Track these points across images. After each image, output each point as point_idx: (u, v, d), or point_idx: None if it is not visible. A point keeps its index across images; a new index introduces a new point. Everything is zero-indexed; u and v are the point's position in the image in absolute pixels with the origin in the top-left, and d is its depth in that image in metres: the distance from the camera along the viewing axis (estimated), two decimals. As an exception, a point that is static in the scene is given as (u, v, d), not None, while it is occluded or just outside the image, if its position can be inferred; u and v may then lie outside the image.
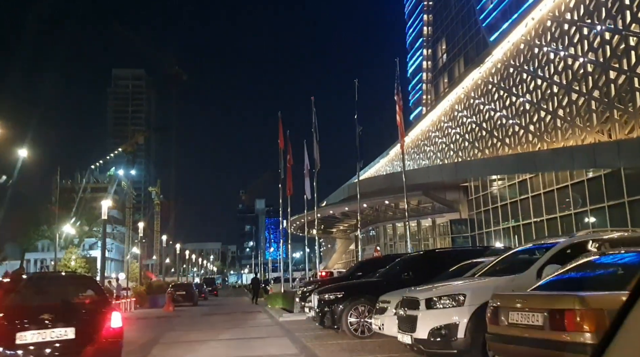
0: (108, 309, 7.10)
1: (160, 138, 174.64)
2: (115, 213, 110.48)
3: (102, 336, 6.70)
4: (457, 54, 54.10)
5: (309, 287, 15.38)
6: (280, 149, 26.46)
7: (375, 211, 45.09)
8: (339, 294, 10.75)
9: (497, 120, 33.35)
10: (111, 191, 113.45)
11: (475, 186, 36.61)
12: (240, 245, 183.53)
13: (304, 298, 15.21)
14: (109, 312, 7.00)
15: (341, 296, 10.70)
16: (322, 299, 10.99)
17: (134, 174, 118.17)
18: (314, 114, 23.16)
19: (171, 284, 33.41)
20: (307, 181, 27.61)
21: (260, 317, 19.64)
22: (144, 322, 19.53)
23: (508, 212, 32.23)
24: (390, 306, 8.78)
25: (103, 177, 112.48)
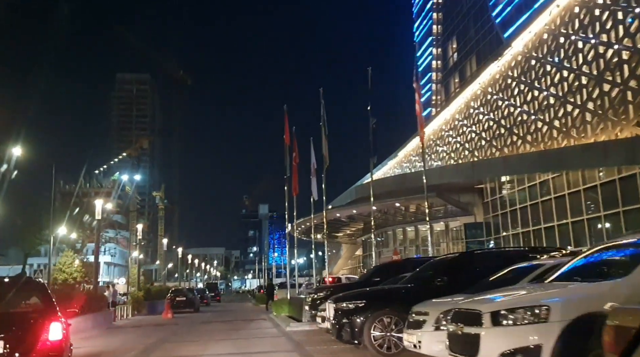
0: (47, 320, 6.30)
1: (165, 142, 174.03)
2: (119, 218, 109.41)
3: (37, 350, 5.95)
4: (468, 52, 52.36)
5: (320, 293, 13.65)
6: (285, 145, 24.79)
7: (384, 214, 43.27)
8: (360, 302, 9.00)
9: (518, 116, 31.52)
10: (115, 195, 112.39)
11: (491, 187, 34.75)
12: (243, 250, 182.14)
13: (315, 306, 13.46)
14: (47, 323, 6.21)
15: (362, 305, 8.95)
16: (339, 308, 9.24)
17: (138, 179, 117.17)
18: (322, 107, 21.48)
19: (171, 290, 31.64)
20: (313, 180, 25.90)
21: (264, 325, 17.88)
22: (137, 331, 17.81)
23: (528, 215, 30.34)
24: (429, 319, 7.03)
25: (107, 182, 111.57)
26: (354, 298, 9.20)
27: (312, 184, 25.78)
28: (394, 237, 45.37)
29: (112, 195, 66.96)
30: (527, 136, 30.29)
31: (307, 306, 14.13)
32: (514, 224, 31.90)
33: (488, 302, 5.18)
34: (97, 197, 55.33)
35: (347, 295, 9.61)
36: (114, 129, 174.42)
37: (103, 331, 17.78)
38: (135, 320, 24.27)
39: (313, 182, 25.77)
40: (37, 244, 48.37)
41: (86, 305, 18.60)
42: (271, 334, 14.34)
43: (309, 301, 13.97)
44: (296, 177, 25.93)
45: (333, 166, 25.56)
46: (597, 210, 24.44)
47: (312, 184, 25.80)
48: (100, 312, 20.12)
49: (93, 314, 19.01)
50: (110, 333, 17.24)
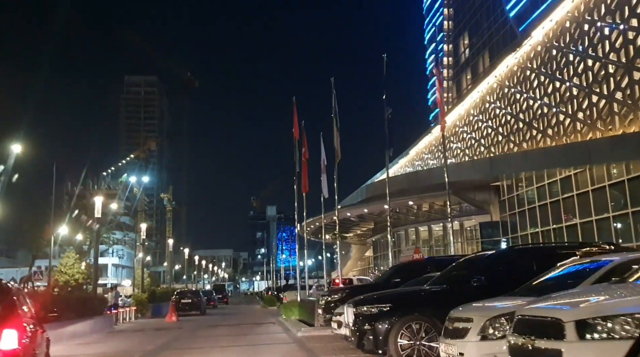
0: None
1: (173, 144, 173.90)
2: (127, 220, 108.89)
3: None
4: (481, 47, 50.93)
5: (334, 296, 12.45)
6: (294, 139, 23.65)
7: (396, 213, 41.95)
8: (385, 306, 7.80)
9: (537, 109, 30.09)
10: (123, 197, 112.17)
11: (508, 185, 33.33)
12: (251, 252, 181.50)
13: (329, 309, 12.26)
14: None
15: (388, 309, 7.75)
16: (360, 313, 8.04)
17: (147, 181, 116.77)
18: (333, 97, 20.29)
19: (176, 292, 30.57)
20: (323, 177, 24.73)
21: (273, 330, 16.69)
22: (137, 336, 16.72)
23: (548, 214, 28.91)
24: (473, 326, 5.81)
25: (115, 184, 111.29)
26: (377, 301, 7.99)
27: (323, 181, 24.64)
28: (406, 237, 44.00)
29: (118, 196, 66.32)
30: (548, 130, 28.85)
31: (320, 309, 12.93)
32: (532, 222, 30.46)
33: (571, 307, 3.95)
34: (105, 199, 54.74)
35: (369, 298, 8.40)
36: (122, 131, 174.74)
37: (102, 336, 16.72)
38: (138, 323, 23.21)
39: (323, 179, 24.63)
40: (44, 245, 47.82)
41: (84, 308, 17.57)
42: (281, 340, 13.16)
43: (322, 304, 12.77)
44: (306, 174, 24.79)
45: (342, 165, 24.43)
46: (624, 207, 23.00)
47: (322, 181, 24.66)
48: (99, 316, 19.09)
49: (92, 317, 17.98)
50: (108, 338, 16.15)
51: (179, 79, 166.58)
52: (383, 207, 35.96)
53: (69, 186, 58.32)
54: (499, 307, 5.82)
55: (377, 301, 8.01)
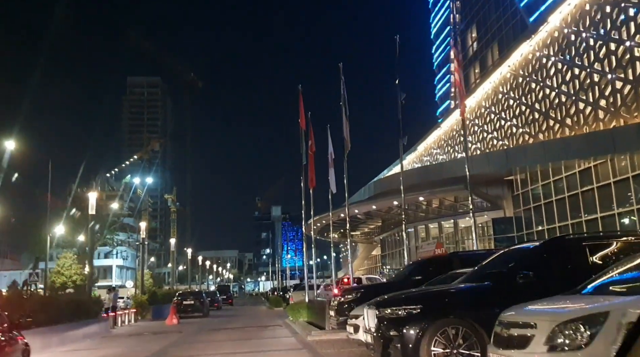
0: None
1: (176, 145, 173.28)
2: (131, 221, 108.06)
3: None
4: (489, 40, 49.53)
5: (348, 296, 11.20)
6: (301, 130, 22.46)
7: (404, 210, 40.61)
8: (414, 308, 6.54)
9: (555, 98, 28.69)
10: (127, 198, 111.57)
11: (522, 179, 31.96)
12: (256, 252, 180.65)
13: (342, 311, 11.03)
14: None
15: (418, 311, 6.49)
16: (385, 316, 6.79)
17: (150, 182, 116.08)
18: (342, 84, 19.01)
19: (178, 293, 29.40)
20: (331, 172, 23.50)
21: (280, 333, 15.46)
22: (133, 340, 15.52)
23: (566, 208, 27.54)
24: (537, 333, 4.55)
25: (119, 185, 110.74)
26: (405, 302, 6.73)
27: (330, 175, 23.41)
28: (415, 234, 42.62)
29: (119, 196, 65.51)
30: (567, 119, 27.45)
31: (332, 311, 11.69)
32: (549, 217, 29.09)
33: None
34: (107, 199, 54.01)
35: (394, 298, 7.14)
36: (125, 132, 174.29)
37: (95, 341, 15.55)
38: (137, 327, 22.04)
39: (331, 174, 23.41)
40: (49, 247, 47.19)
41: (76, 312, 16.40)
42: (289, 346, 11.92)
43: (334, 305, 11.53)
44: (313, 168, 23.58)
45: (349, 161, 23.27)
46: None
47: (330, 176, 23.44)
48: (94, 320, 17.93)
49: (85, 321, 16.81)
50: (102, 344, 14.98)
51: (182, 80, 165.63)
52: (392, 203, 34.67)
53: (73, 188, 57.58)
54: (572, 308, 4.57)
55: (405, 301, 6.74)
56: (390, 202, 33.96)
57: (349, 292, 11.24)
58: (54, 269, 28.38)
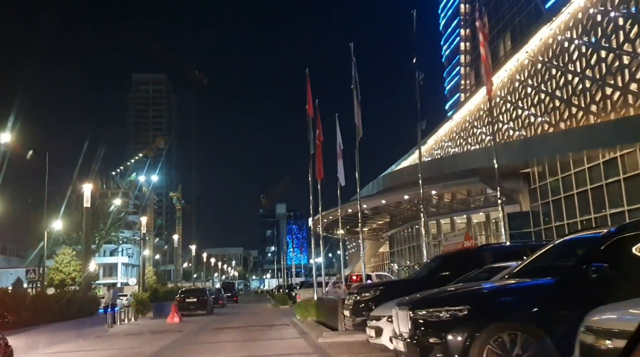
0: None
1: (181, 143, 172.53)
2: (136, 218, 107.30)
3: None
4: (501, 30, 47.90)
5: (366, 294, 9.89)
6: (308, 117, 21.21)
7: (414, 205, 39.24)
8: (460, 310, 5.21)
9: (578, 84, 27.15)
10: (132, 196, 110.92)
11: (539, 172, 30.47)
12: (261, 250, 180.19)
13: (359, 311, 9.73)
14: None
15: (465, 314, 5.16)
16: (422, 319, 5.47)
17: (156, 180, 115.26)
18: (353, 66, 17.70)
19: (180, 290, 28.24)
20: (340, 163, 22.24)
21: (288, 334, 14.19)
22: (128, 341, 14.31)
23: (588, 201, 26.07)
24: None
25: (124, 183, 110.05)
26: (447, 302, 5.41)
27: (339, 167, 22.16)
28: (426, 230, 41.13)
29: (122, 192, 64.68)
30: (591, 106, 25.91)
31: (347, 310, 10.38)
32: (570, 211, 27.62)
33: None
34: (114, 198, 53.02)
35: (432, 297, 5.83)
36: (131, 129, 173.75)
37: (89, 341, 14.35)
38: (136, 325, 20.86)
39: (340, 165, 22.15)
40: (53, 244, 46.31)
41: (69, 310, 15.22)
42: (299, 349, 10.64)
43: (349, 304, 10.22)
44: (320, 158, 22.31)
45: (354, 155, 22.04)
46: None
47: (338, 168, 22.19)
48: (89, 318, 16.75)
49: (79, 320, 15.64)
50: (95, 344, 13.78)
51: (187, 77, 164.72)
52: (403, 197, 33.30)
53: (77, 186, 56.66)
54: None
55: (448, 301, 5.42)
56: (400, 196, 32.61)
57: (366, 290, 9.93)
58: (53, 265, 27.22)
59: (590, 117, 25.86)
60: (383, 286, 9.94)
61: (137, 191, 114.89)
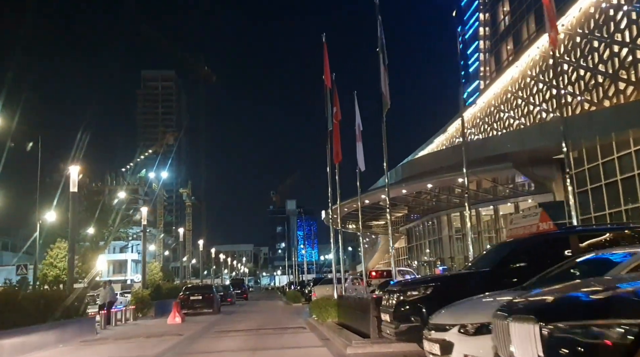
0: None
1: (191, 139, 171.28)
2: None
3: None
4: (524, 12, 44.91)
5: (412, 292, 7.44)
6: (325, 88, 18.79)
7: (435, 196, 36.73)
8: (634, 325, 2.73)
9: (627, 56, 24.35)
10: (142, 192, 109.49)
11: (575, 157, 27.70)
12: (272, 247, 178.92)
13: (405, 315, 7.30)
14: None
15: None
16: (566, 338, 2.99)
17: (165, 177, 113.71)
18: (379, 25, 15.20)
19: (185, 287, 26.05)
20: (359, 146, 19.81)
21: (307, 340, 11.80)
22: (115, 347, 12.04)
23: (635, 188, 23.36)
24: None
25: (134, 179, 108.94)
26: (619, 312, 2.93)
27: (358, 150, 19.73)
28: (448, 222, 38.64)
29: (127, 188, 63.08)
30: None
31: (385, 313, 7.95)
32: (613, 200, 24.90)
33: None
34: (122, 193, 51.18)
35: (578, 302, 3.33)
36: (140, 126, 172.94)
37: (67, 348, 12.13)
38: (133, 326, 18.64)
39: (359, 149, 19.72)
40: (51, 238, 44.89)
41: (47, 311, 12.98)
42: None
43: (389, 305, 7.79)
44: (338, 139, 19.86)
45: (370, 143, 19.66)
46: None
47: (357, 151, 19.77)
48: (75, 320, 14.51)
49: (61, 322, 13.40)
50: (74, 352, 11.55)
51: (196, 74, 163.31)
52: (425, 186, 30.76)
53: (87, 182, 55.08)
54: None
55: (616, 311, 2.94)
56: (423, 185, 30.12)
57: (413, 287, 7.48)
58: (46, 260, 25.14)
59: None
60: (436, 283, 7.48)
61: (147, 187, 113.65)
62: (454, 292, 7.13)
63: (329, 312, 14.87)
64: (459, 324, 5.19)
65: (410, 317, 7.27)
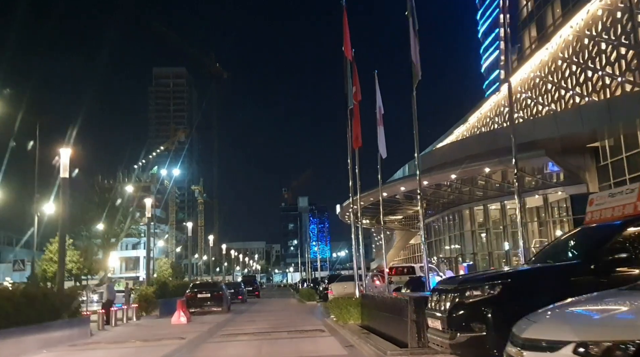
0: None
1: (203, 136, 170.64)
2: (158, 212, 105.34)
3: None
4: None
5: (475, 292, 5.63)
6: (345, 60, 17.04)
7: (456, 188, 34.69)
8: None
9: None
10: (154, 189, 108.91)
11: (611, 146, 25.57)
12: (284, 244, 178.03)
13: (464, 321, 5.50)
14: None
15: None
16: None
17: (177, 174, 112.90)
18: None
19: (192, 284, 24.49)
20: (380, 131, 18.01)
21: (328, 347, 10.02)
22: (101, 354, 10.42)
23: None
24: None
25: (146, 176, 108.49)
26: None
27: (379, 135, 17.93)
28: (471, 217, 36.58)
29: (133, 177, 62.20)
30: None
31: (435, 319, 6.14)
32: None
33: None
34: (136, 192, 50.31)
35: None
36: (152, 123, 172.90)
37: (55, 352, 10.55)
38: (134, 327, 17.08)
39: (380, 133, 17.91)
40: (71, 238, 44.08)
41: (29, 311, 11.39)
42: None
43: (439, 308, 5.98)
44: (358, 122, 18.06)
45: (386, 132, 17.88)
46: None
47: (378, 136, 17.97)
48: (66, 321, 12.93)
49: (47, 324, 11.82)
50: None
51: (208, 71, 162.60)
52: (449, 176, 28.79)
53: (99, 179, 54.17)
54: None
55: None
56: (446, 175, 28.17)
57: (472, 286, 5.67)
58: (45, 255, 23.74)
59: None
60: (506, 280, 5.63)
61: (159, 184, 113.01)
62: (531, 292, 5.34)
63: (350, 313, 13.14)
64: (576, 340, 3.40)
65: (471, 325, 5.48)
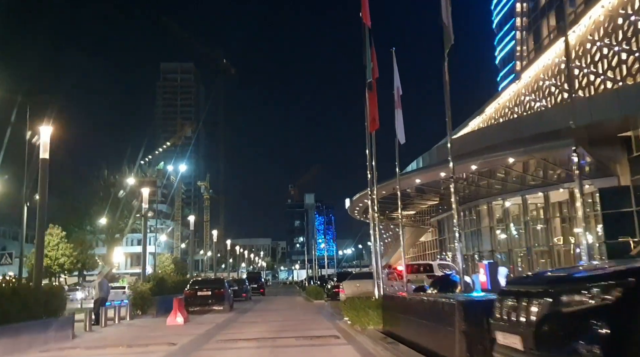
0: None
1: (210, 132, 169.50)
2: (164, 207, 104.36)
3: None
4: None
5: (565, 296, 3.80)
6: (364, 27, 15.24)
7: (473, 182, 32.77)
8: None
9: None
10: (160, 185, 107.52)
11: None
12: (290, 241, 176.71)
13: (565, 342, 3.69)
14: None
15: None
16: None
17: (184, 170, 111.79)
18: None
19: (192, 280, 22.83)
20: (398, 113, 16.27)
21: None
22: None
23: None
24: None
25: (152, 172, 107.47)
26: None
27: (397, 118, 16.18)
28: (489, 212, 34.58)
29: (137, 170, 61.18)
30: None
31: (512, 333, 4.32)
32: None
33: None
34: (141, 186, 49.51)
35: None
36: (159, 118, 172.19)
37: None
38: (125, 328, 15.40)
39: (398, 116, 16.16)
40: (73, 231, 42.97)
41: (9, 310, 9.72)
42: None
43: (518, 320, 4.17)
44: (375, 102, 16.22)
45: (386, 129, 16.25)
46: None
47: (396, 120, 16.22)
48: (41, 321, 11.26)
49: (18, 325, 10.15)
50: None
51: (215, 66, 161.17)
52: (469, 167, 26.88)
53: (106, 174, 52.87)
54: None
55: None
56: (466, 166, 26.25)
57: (575, 288, 3.88)
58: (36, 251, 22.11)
59: None
60: (628, 279, 3.81)
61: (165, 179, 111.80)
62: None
63: (369, 316, 11.35)
64: None
65: (575, 346, 3.67)
